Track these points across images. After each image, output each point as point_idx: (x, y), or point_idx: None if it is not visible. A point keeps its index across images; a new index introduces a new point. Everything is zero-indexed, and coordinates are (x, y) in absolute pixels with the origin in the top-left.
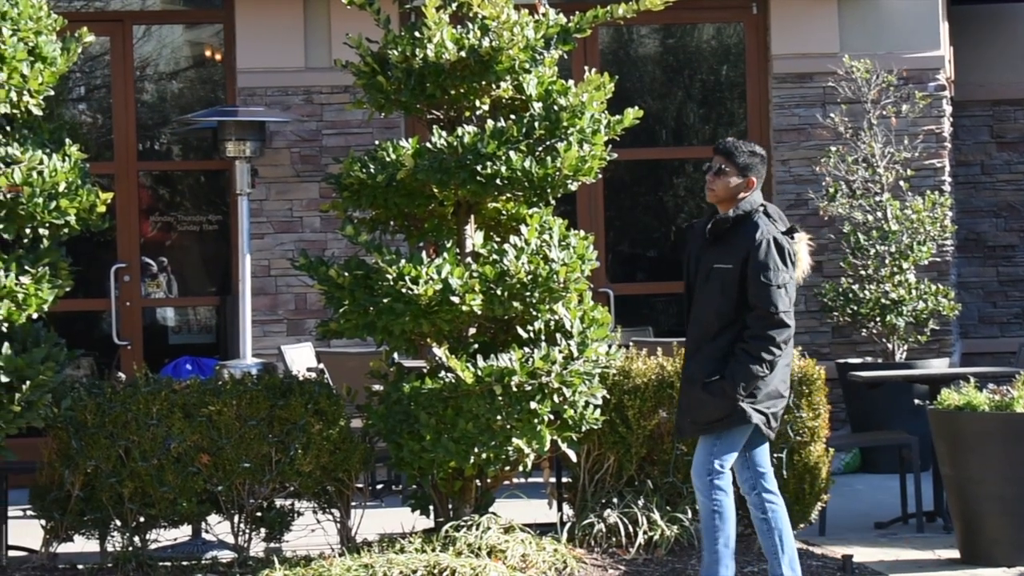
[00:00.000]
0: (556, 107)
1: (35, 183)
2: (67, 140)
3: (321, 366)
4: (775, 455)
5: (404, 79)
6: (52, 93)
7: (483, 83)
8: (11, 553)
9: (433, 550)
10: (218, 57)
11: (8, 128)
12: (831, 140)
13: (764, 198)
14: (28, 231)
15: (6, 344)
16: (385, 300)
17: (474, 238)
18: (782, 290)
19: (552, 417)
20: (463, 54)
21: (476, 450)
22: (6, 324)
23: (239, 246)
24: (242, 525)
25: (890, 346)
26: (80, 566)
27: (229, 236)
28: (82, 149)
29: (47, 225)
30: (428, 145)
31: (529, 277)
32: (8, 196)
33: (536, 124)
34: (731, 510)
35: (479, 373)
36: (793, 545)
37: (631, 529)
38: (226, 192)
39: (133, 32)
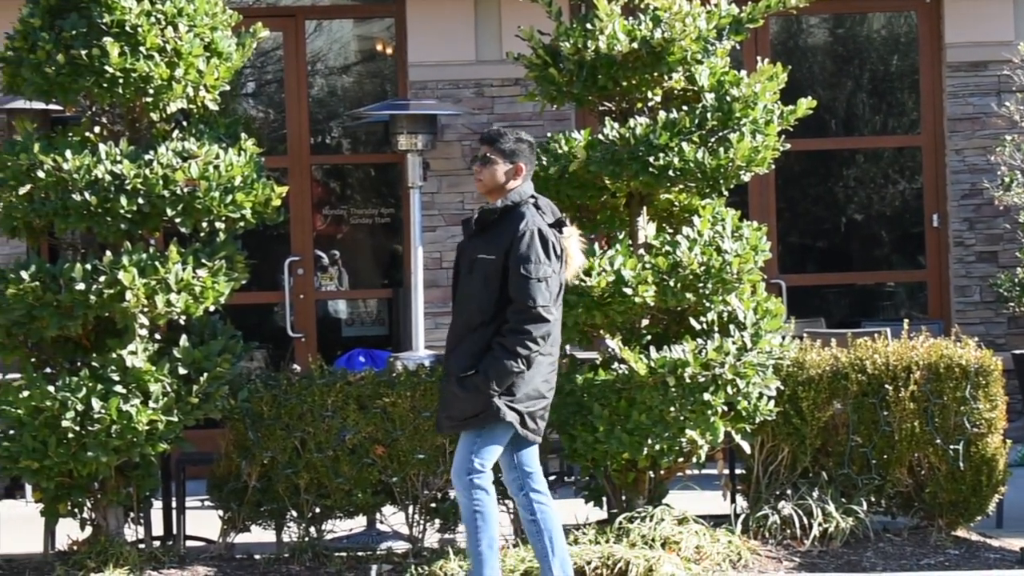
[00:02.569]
0: (729, 98)
1: (211, 177)
2: (242, 135)
3: None
4: (951, 447)
5: (576, 71)
6: (227, 88)
7: (655, 74)
8: (189, 543)
9: (607, 541)
10: (388, 51)
11: (185, 123)
12: (1006, 129)
13: (937, 188)
14: (205, 225)
15: (184, 337)
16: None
17: (646, 229)
18: (542, 284)
19: (725, 408)
20: (635, 45)
21: (649, 441)
22: (183, 317)
23: (411, 239)
24: (416, 516)
25: None
26: (257, 556)
27: (400, 229)
28: (256, 144)
29: (223, 219)
30: (600, 137)
31: (702, 268)
32: (185, 190)
33: (708, 115)
34: (494, 510)
35: (652, 364)
36: (564, 547)
37: (806, 521)
38: (397, 185)
39: (305, 27)
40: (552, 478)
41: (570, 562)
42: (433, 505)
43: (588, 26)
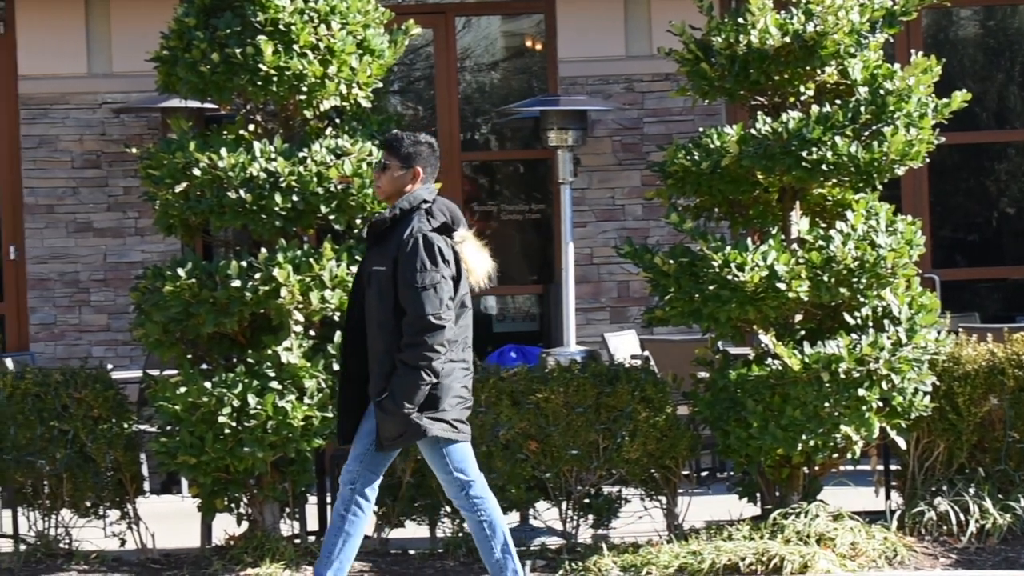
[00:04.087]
0: (882, 91)
1: (365, 174)
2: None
3: (646, 353)
4: None
5: (728, 66)
6: (379, 85)
7: (807, 68)
8: None
9: (761, 537)
10: (538, 47)
11: (338, 120)
12: None
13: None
14: (358, 222)
15: (338, 333)
16: (711, 287)
17: (799, 224)
18: (430, 291)
19: (880, 404)
20: (787, 39)
21: (803, 437)
22: (338, 313)
23: (562, 235)
24: (570, 511)
25: None
26: (411, 552)
27: (550, 225)
28: None
29: (376, 216)
30: (752, 131)
31: (856, 263)
32: (339, 187)
33: (862, 109)
34: (496, 513)
35: (806, 360)
36: (352, 555)
37: (962, 517)
38: (547, 181)
39: (455, 24)
40: (704, 473)
41: (347, 571)
42: (587, 500)
43: (740, 20)
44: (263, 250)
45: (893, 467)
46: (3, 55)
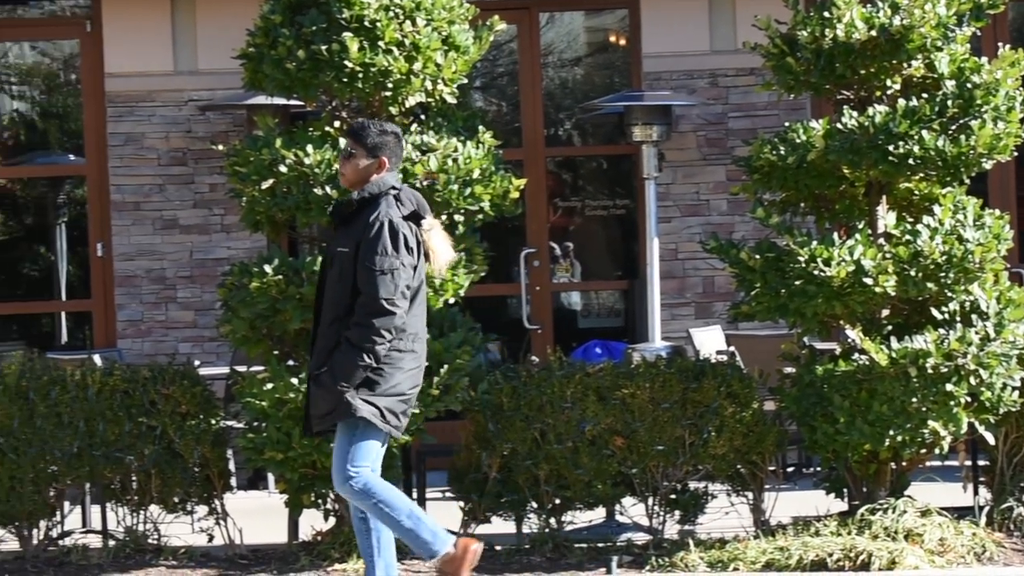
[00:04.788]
0: (969, 85)
1: (450, 170)
2: (480, 128)
3: (732, 348)
4: None
5: (814, 60)
6: (464, 81)
7: (894, 62)
8: None
9: (848, 533)
10: (621, 42)
11: (423, 116)
12: None
13: None
14: (444, 218)
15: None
16: (797, 282)
17: (886, 219)
18: (387, 276)
19: (968, 399)
20: (873, 33)
21: (891, 432)
22: None
23: (646, 230)
24: (656, 507)
25: None
26: (497, 547)
27: (634, 220)
28: (493, 136)
29: (462, 211)
30: (839, 126)
31: (943, 257)
32: (424, 183)
33: (949, 102)
34: (392, 493)
35: (893, 355)
36: (392, 549)
37: None
38: (631, 176)
39: (539, 19)
40: (791, 469)
41: (396, 566)
42: (673, 496)
43: (825, 14)
44: None
45: (981, 462)
46: (90, 53)
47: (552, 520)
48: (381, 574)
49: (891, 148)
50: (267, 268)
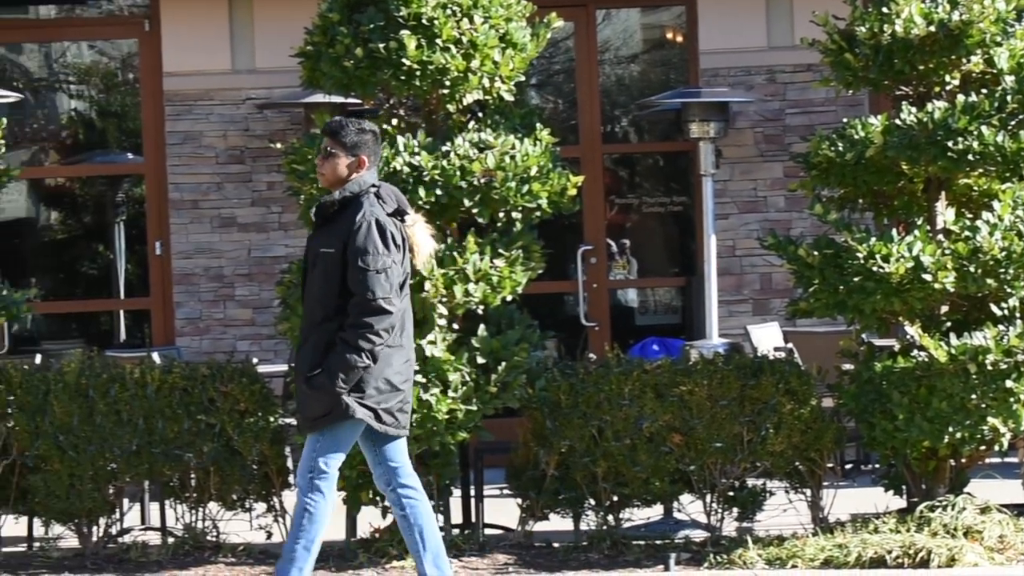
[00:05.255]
0: None
1: (508, 168)
2: (537, 125)
3: (790, 345)
4: None
5: (872, 55)
6: (522, 79)
7: (953, 58)
8: (488, 531)
9: (907, 530)
10: (678, 39)
11: (480, 114)
12: None
13: None
14: (501, 215)
15: (482, 326)
16: (856, 279)
17: (945, 215)
18: (381, 275)
19: None
20: (932, 29)
21: (950, 429)
22: (481, 307)
23: (704, 227)
24: (714, 504)
25: None
26: (555, 544)
27: (691, 217)
28: (550, 134)
29: (520, 209)
30: (897, 122)
31: (1003, 254)
32: (482, 181)
33: (1008, 98)
34: (324, 514)
35: (953, 351)
36: (438, 541)
37: None
38: (687, 173)
39: (596, 16)
40: (849, 466)
41: (445, 558)
42: (731, 493)
43: (884, 10)
44: None
45: None
46: (148, 52)
47: (610, 517)
48: (430, 567)
49: (950, 144)
50: None
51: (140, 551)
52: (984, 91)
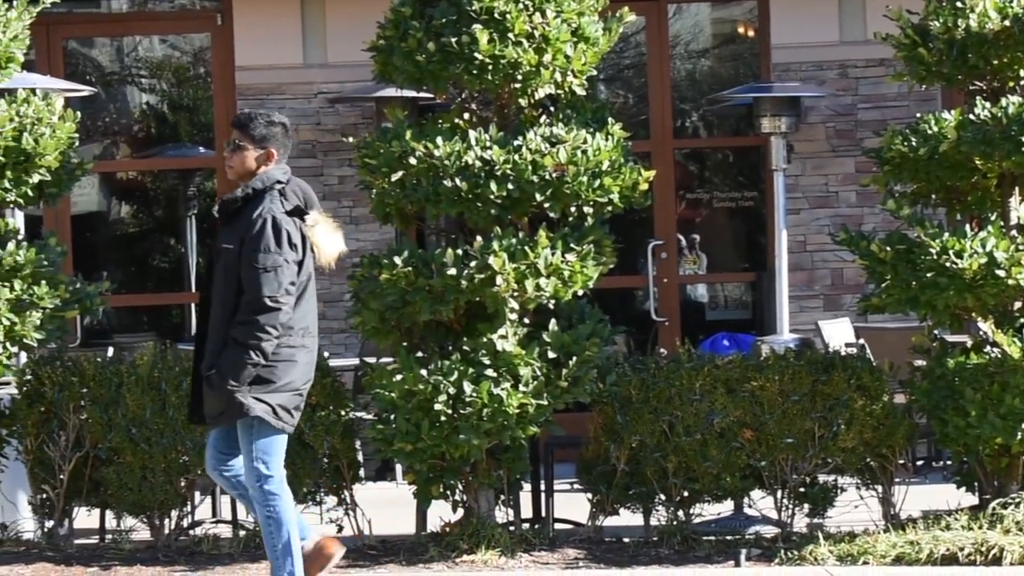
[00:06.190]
0: None
1: (579, 162)
2: (609, 119)
3: (861, 341)
4: None
5: (946, 50)
6: (594, 73)
7: None
8: (558, 526)
9: (980, 527)
10: (750, 33)
11: (552, 108)
12: None
13: None
14: (573, 210)
15: (553, 321)
16: (928, 274)
17: (1019, 210)
18: (270, 273)
19: None
20: (1007, 23)
21: (1023, 426)
22: (552, 301)
23: (775, 222)
24: (785, 500)
25: None
26: (625, 539)
27: (762, 212)
28: (622, 128)
29: (591, 203)
30: (971, 117)
31: None
32: (554, 175)
33: None
34: (288, 512)
35: None
36: (298, 544)
37: None
38: (759, 168)
39: (667, 11)
40: (920, 462)
41: (300, 559)
42: (802, 489)
43: (958, 4)
44: (478, 238)
45: None
46: (221, 46)
47: (680, 513)
48: (285, 570)
49: None
50: (397, 260)
51: (211, 544)
52: None
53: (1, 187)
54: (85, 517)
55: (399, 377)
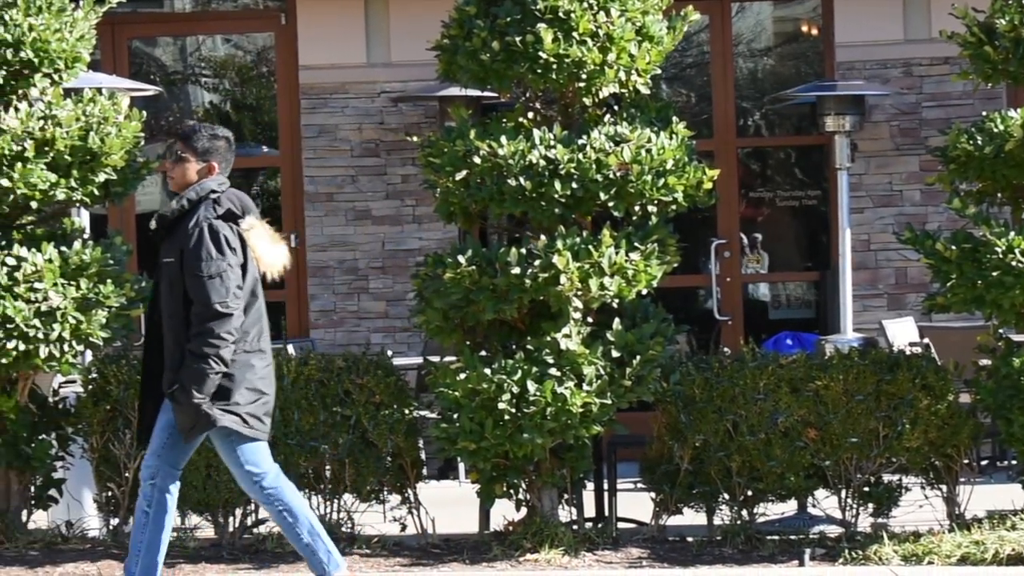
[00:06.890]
0: None
1: (643, 161)
2: (673, 118)
3: (926, 340)
4: None
5: (1012, 48)
6: (658, 72)
7: None
8: (621, 525)
9: None
10: (814, 32)
11: (616, 107)
12: None
13: None
14: (637, 208)
15: (616, 320)
16: (994, 273)
17: None
18: (215, 280)
19: None
20: None
21: None
22: (616, 300)
23: (838, 221)
24: (849, 500)
25: None
26: (689, 539)
27: (825, 211)
28: (687, 127)
29: (655, 202)
30: None
31: None
32: (618, 174)
33: None
34: (296, 501)
35: None
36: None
37: None
38: (822, 167)
39: (731, 9)
40: (985, 462)
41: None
42: (866, 489)
43: None
44: (542, 237)
45: None
46: (284, 46)
47: (744, 512)
48: (136, 570)
49: None
50: (461, 259)
51: (276, 542)
52: None
53: (67, 186)
54: None
55: (463, 376)
